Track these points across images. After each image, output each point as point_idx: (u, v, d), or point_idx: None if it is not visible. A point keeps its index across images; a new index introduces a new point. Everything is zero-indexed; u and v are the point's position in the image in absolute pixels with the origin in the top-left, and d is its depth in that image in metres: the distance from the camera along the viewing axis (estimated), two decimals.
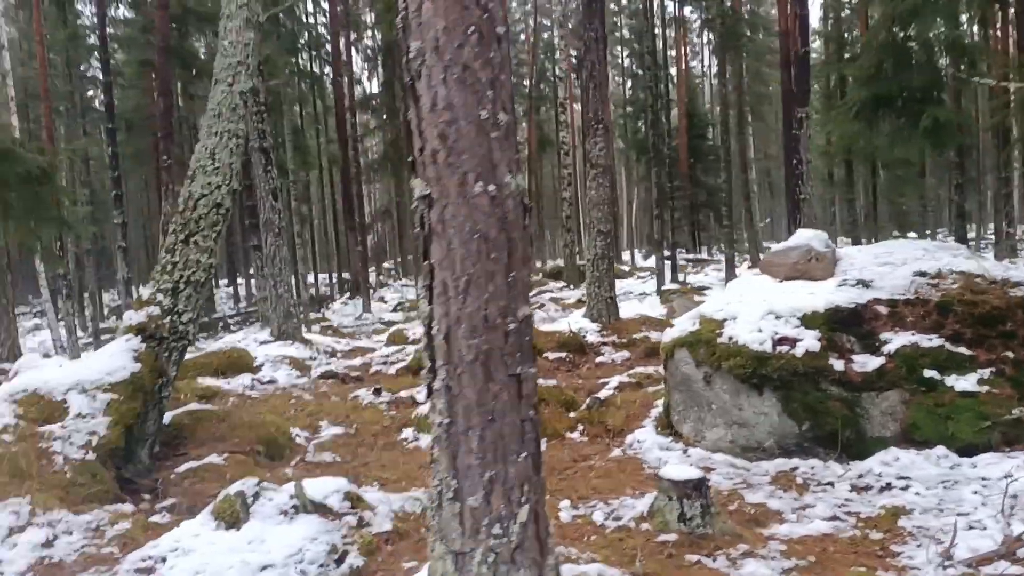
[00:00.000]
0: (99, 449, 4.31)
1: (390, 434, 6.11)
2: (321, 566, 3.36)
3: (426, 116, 2.24)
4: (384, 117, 24.41)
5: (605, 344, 8.94)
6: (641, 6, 24.63)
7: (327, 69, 26.22)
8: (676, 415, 5.26)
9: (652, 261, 24.48)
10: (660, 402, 5.73)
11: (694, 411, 5.12)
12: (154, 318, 5.00)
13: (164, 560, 3.36)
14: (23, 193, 7.76)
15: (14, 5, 20.95)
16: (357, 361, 9.58)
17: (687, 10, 28.16)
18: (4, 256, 14.74)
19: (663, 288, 17.37)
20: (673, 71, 30.89)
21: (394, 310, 21.33)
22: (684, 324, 5.37)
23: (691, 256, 29.35)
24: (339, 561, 3.43)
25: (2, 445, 4.05)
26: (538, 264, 29.58)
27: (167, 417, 5.28)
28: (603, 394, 6.39)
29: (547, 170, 36.58)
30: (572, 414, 6.11)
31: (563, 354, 8.59)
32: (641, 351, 8.56)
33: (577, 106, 25.12)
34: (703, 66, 39.84)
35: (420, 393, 6.95)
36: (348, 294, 24.20)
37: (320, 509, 3.68)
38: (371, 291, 23.26)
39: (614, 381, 7.11)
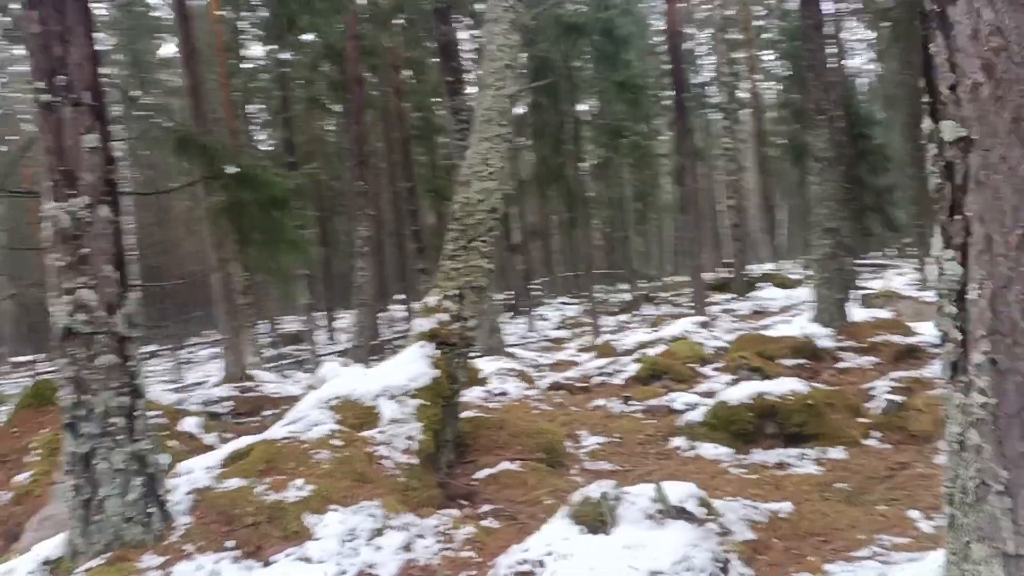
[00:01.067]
0: (419, 454, 4.26)
1: (658, 443, 5.83)
2: (709, 575, 3.09)
3: (964, 45, 1.94)
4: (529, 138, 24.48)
5: (843, 349, 8.33)
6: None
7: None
8: None
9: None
10: None
11: None
12: (444, 324, 4.96)
13: (542, 564, 3.19)
14: (263, 219, 8.09)
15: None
16: (572, 373, 9.40)
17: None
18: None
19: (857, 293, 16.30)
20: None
21: (558, 328, 21.20)
22: None
23: (865, 261, 27.68)
24: (724, 570, 3.16)
25: (335, 450, 4.05)
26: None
27: None
28: (886, 399, 5.85)
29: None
30: (860, 419, 5.62)
31: (799, 360, 8.05)
32: (889, 355, 7.90)
33: None
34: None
35: (675, 403, 6.65)
36: (511, 314, 24.33)
37: (683, 514, 3.42)
38: (530, 310, 23.30)
39: (881, 385, 6.55)
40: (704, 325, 11.31)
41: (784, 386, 5.60)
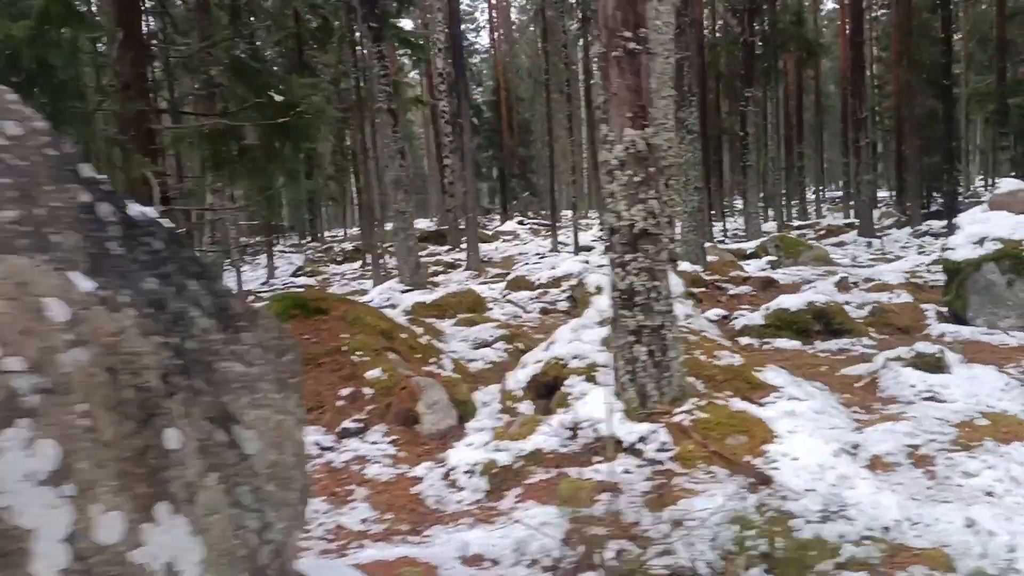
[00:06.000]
0: None
1: (733, 342, 7.74)
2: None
3: None
4: None
5: (722, 281, 10.92)
6: None
7: None
8: (971, 312, 7.47)
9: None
10: (930, 307, 7.96)
11: (988, 308, 7.36)
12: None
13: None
14: None
15: None
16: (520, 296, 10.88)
17: None
18: None
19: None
20: None
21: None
22: (974, 248, 7.57)
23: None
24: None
25: None
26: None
27: None
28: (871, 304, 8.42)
29: None
30: (857, 319, 8.12)
31: (698, 288, 10.35)
32: (757, 284, 10.69)
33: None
34: None
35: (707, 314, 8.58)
36: None
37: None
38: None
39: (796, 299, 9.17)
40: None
41: (817, 296, 7.89)
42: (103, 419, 1.73)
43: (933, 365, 5.07)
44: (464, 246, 21.41)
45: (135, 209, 2.09)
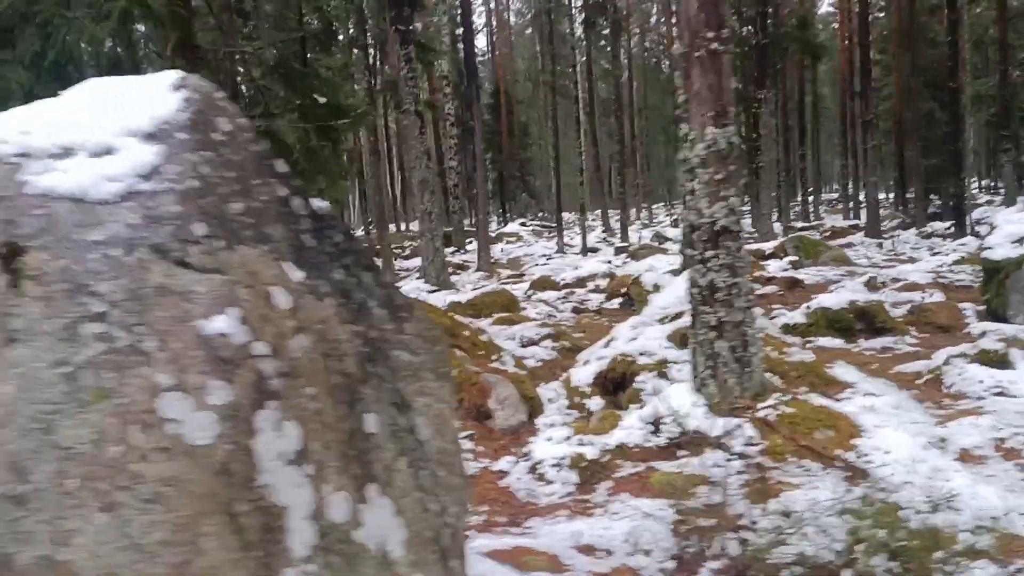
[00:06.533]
0: None
1: None
2: None
3: None
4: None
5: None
6: None
7: None
8: (1012, 310, 7.55)
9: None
10: (968, 306, 8.06)
11: None
12: None
13: None
14: None
15: None
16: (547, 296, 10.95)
17: None
18: None
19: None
20: None
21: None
22: (1014, 247, 7.66)
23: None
24: None
25: None
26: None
27: None
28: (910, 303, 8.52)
29: None
30: (895, 318, 8.21)
31: None
32: (783, 284, 10.87)
33: None
34: None
35: None
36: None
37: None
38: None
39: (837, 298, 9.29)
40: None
41: (856, 296, 7.97)
42: (325, 403, 1.79)
43: (998, 361, 5.15)
44: (470, 248, 21.44)
45: (316, 203, 2.15)
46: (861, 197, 28.01)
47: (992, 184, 37.84)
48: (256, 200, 1.89)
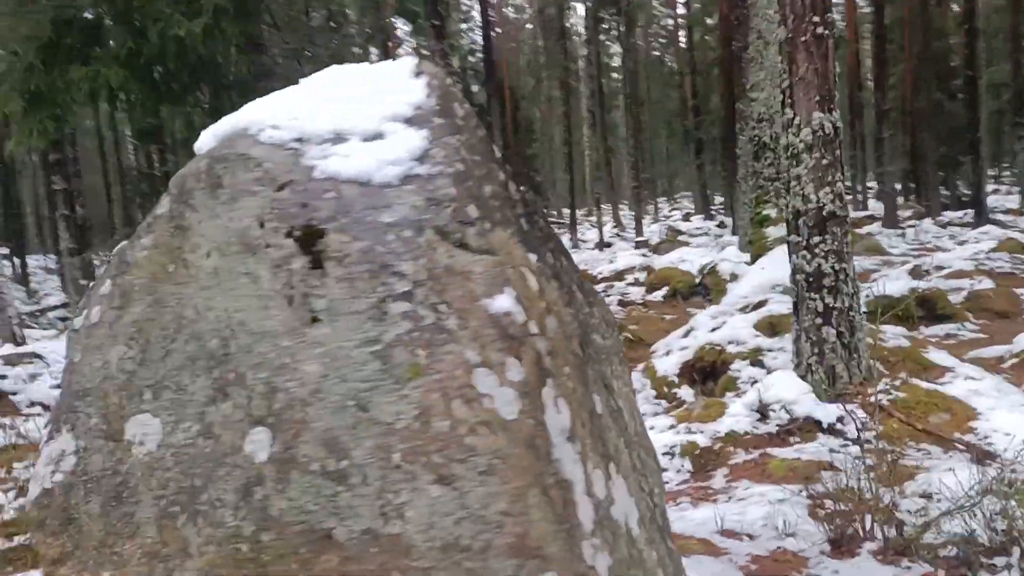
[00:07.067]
0: None
1: None
2: None
3: None
4: None
5: None
6: None
7: None
8: None
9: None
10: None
11: None
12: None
13: None
14: None
15: None
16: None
17: None
18: None
19: None
20: None
21: None
22: None
23: None
24: None
25: None
26: None
27: None
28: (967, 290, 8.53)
29: None
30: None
31: None
32: None
33: None
34: None
35: None
36: None
37: None
38: None
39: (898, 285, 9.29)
40: None
41: (918, 282, 7.98)
42: (575, 382, 1.81)
43: None
44: None
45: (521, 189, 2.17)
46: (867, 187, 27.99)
47: (999, 172, 37.75)
48: (495, 184, 1.91)
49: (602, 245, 21.07)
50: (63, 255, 15.18)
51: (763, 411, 4.31)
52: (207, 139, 1.75)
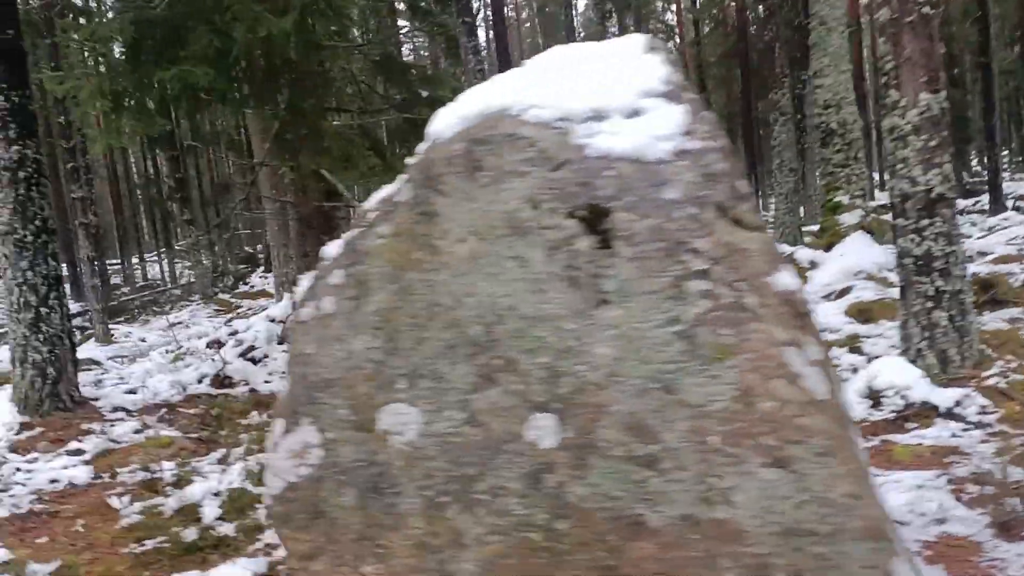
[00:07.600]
0: None
1: None
2: None
3: None
4: None
5: None
6: None
7: None
8: None
9: None
10: None
11: None
12: (862, 217, 6.33)
13: None
14: None
15: None
16: None
17: None
18: None
19: None
20: None
21: None
22: None
23: None
24: None
25: None
26: None
27: None
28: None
29: None
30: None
31: None
32: None
33: None
34: None
35: None
36: None
37: None
38: None
39: None
40: None
41: (979, 267, 7.90)
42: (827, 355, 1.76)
43: None
44: None
45: None
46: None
47: (1010, 160, 37.67)
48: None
49: None
50: (81, 263, 15.16)
51: (875, 397, 4.25)
52: (451, 122, 1.70)
